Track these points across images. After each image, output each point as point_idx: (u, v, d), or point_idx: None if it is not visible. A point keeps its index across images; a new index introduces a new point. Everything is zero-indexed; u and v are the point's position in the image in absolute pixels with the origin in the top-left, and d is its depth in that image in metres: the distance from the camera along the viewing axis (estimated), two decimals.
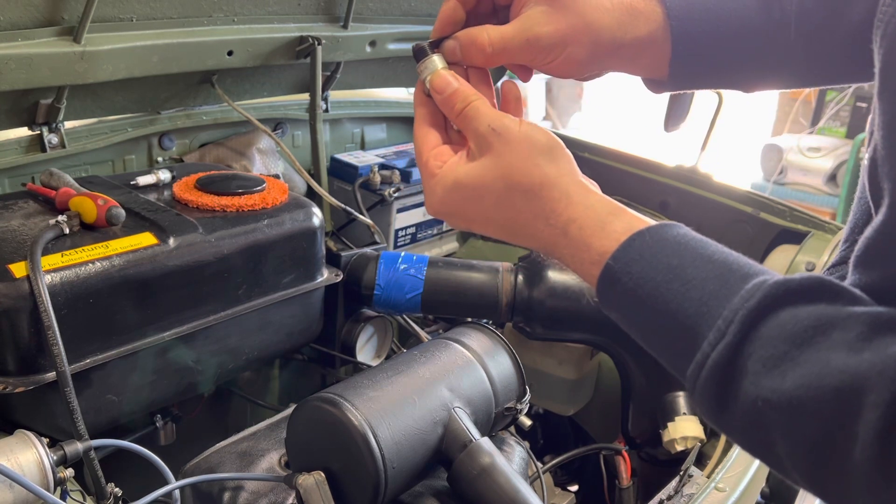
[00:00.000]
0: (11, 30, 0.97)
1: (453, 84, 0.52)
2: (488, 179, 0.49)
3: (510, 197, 0.48)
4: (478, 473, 0.79)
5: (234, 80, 1.34)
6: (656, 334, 0.45)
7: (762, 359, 0.38)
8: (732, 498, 0.86)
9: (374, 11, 1.40)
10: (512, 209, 0.49)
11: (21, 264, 0.81)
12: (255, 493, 0.81)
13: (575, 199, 0.47)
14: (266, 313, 1.04)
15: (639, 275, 0.44)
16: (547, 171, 0.48)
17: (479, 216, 0.50)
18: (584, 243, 0.46)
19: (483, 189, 0.49)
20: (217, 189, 1.04)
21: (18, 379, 0.81)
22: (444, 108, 0.53)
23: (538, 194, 0.48)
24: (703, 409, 0.42)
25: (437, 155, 0.52)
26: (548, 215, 0.48)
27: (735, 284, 0.40)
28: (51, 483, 0.70)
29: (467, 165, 0.50)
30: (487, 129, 0.50)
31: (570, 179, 0.48)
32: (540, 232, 0.48)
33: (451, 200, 0.51)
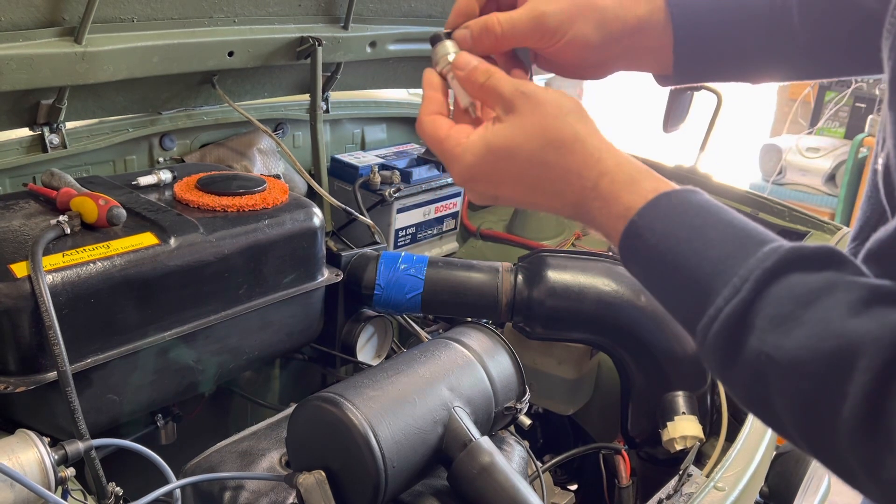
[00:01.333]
0: (12, 30, 0.97)
1: (474, 60, 0.53)
2: (521, 138, 0.50)
3: (543, 153, 0.49)
4: (478, 472, 0.79)
5: (235, 80, 1.34)
6: (672, 289, 0.47)
7: (770, 316, 0.40)
8: (732, 497, 0.86)
9: (375, 12, 1.40)
10: (544, 166, 0.49)
11: (22, 264, 0.81)
12: (255, 493, 0.82)
13: (606, 155, 0.49)
14: (266, 313, 1.04)
15: (662, 232, 0.46)
16: (578, 127, 0.49)
17: (509, 177, 0.51)
18: (614, 197, 0.48)
19: (516, 148, 0.50)
20: (218, 189, 1.04)
21: (20, 378, 0.81)
22: (467, 84, 0.53)
23: (571, 149, 0.49)
24: (711, 361, 0.44)
25: (457, 131, 0.53)
26: (580, 169, 0.49)
27: (752, 247, 0.43)
28: (52, 482, 0.71)
29: (497, 127, 0.51)
30: (515, 91, 0.50)
31: (599, 137, 0.50)
32: (571, 187, 0.49)
33: (482, 165, 0.51)
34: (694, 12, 0.55)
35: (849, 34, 0.55)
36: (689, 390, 1.12)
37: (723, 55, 0.57)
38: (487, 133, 0.51)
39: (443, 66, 0.56)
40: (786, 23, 0.56)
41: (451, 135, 0.53)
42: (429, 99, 0.55)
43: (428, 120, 0.54)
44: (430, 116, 0.54)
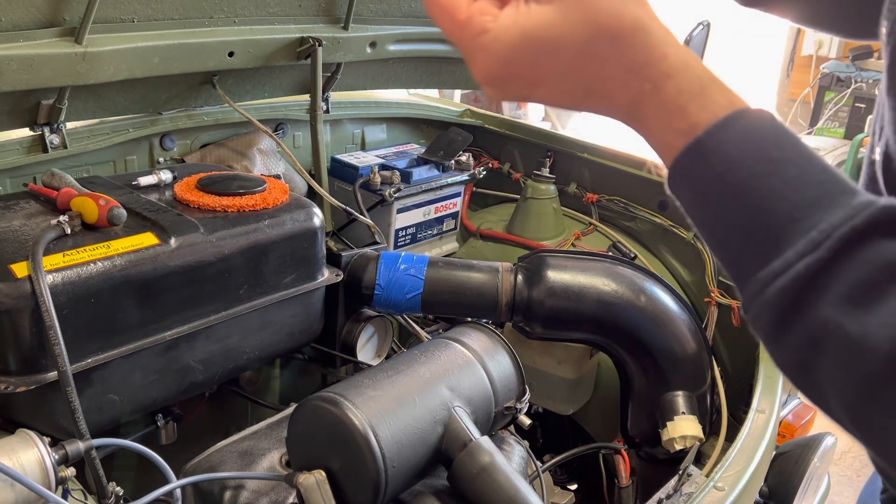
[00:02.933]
0: (13, 30, 0.97)
1: None
2: (569, 25, 0.40)
3: (596, 45, 0.40)
4: (478, 472, 0.79)
5: (235, 80, 1.34)
6: (731, 228, 0.40)
7: (850, 283, 0.35)
8: (731, 497, 0.86)
9: (375, 13, 1.40)
10: (597, 60, 0.40)
11: (23, 264, 0.81)
12: (255, 492, 0.82)
13: (672, 51, 0.40)
14: (267, 313, 1.04)
15: (732, 159, 0.39)
16: (639, 13, 0.40)
17: (552, 74, 0.41)
18: (679, 107, 0.40)
19: (562, 38, 0.40)
20: (218, 189, 1.05)
21: (20, 378, 0.81)
22: None
23: (630, 40, 0.40)
24: (762, 318, 0.39)
25: (480, 10, 0.41)
26: (641, 66, 0.40)
27: (838, 197, 0.37)
28: (52, 482, 0.71)
29: (537, 10, 0.40)
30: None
31: (663, 28, 0.41)
32: (627, 87, 0.40)
33: (516, 58, 0.41)
34: None
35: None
36: (688, 390, 1.12)
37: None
38: (522, 15, 0.40)
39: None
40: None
41: (474, 16, 0.41)
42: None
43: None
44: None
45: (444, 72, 1.66)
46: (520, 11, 0.41)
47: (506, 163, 1.75)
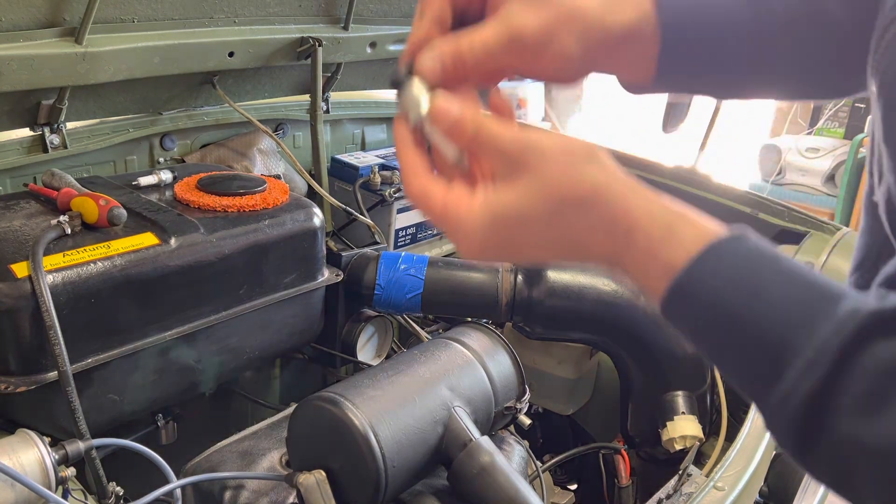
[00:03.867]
0: (13, 31, 0.97)
1: (456, 106, 0.44)
2: (532, 201, 0.43)
3: (561, 214, 0.43)
4: (478, 472, 0.79)
5: (235, 80, 1.34)
6: (732, 358, 0.41)
7: (857, 395, 0.35)
8: (731, 497, 0.86)
9: (375, 13, 1.40)
10: (566, 227, 0.43)
11: (23, 264, 0.81)
12: (255, 492, 0.82)
13: (633, 204, 0.42)
14: (267, 313, 1.04)
15: (714, 292, 0.40)
16: (597, 177, 0.43)
17: (528, 244, 0.44)
18: (652, 254, 0.42)
19: (529, 213, 0.43)
20: (218, 189, 1.05)
21: (20, 378, 0.81)
22: (452, 136, 0.45)
23: (593, 204, 0.42)
24: (786, 443, 0.39)
25: (454, 200, 0.45)
26: (607, 225, 0.42)
27: (825, 308, 0.37)
28: (52, 482, 0.71)
29: (502, 194, 0.43)
30: (515, 146, 0.43)
31: (622, 183, 0.43)
32: (600, 245, 0.43)
33: (494, 238, 0.44)
34: (683, 20, 0.50)
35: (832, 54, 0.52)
36: (688, 390, 1.12)
37: (708, 64, 0.52)
38: (491, 200, 0.43)
39: (416, 117, 0.46)
40: (770, 38, 0.51)
41: (449, 207, 0.45)
42: (407, 163, 0.46)
43: (415, 191, 0.46)
44: (416, 186, 0.46)
45: None
46: (488, 196, 0.44)
47: None
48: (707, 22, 0.51)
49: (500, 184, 0.44)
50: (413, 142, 0.47)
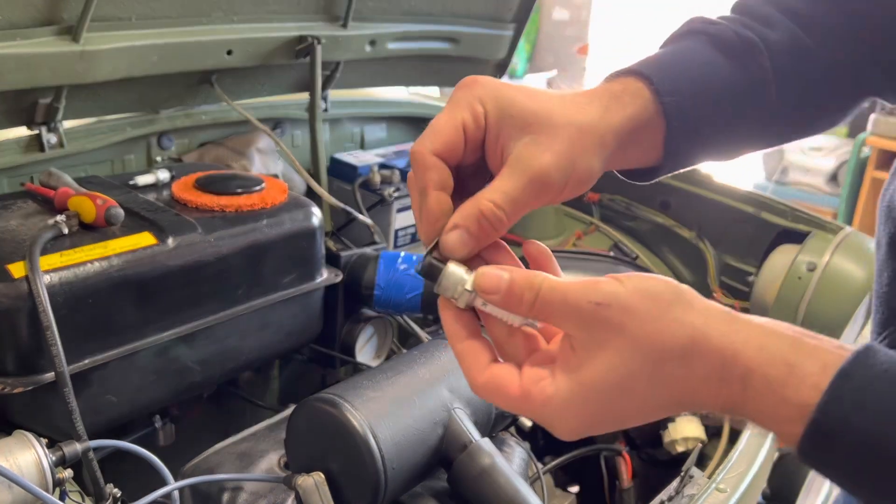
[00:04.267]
0: (10, 29, 0.96)
1: (504, 275, 0.40)
2: (628, 366, 0.38)
3: (664, 372, 0.38)
4: (478, 474, 0.79)
5: (234, 79, 1.33)
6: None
7: None
8: (734, 499, 0.85)
9: (374, 10, 1.39)
10: (672, 384, 0.38)
11: (20, 264, 0.80)
12: (254, 494, 0.81)
13: (740, 342, 0.37)
14: (265, 313, 1.04)
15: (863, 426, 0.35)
16: (691, 320, 0.38)
17: (633, 411, 0.39)
18: (775, 396, 0.36)
19: (628, 379, 0.38)
20: (216, 189, 1.04)
21: (17, 379, 0.81)
22: (510, 306, 0.41)
23: (696, 353, 0.37)
24: None
25: (534, 384, 0.40)
26: (718, 373, 0.37)
27: None
28: (49, 484, 0.70)
29: (590, 366, 0.38)
30: (591, 305, 0.38)
31: (720, 319, 0.38)
32: (714, 396, 0.38)
33: (594, 413, 0.39)
34: (682, 100, 0.47)
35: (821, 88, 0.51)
36: None
37: (709, 139, 0.50)
38: (581, 377, 0.38)
39: (464, 299, 0.42)
40: (765, 92, 0.50)
41: (532, 393, 0.40)
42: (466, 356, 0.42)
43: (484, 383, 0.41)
44: (484, 378, 0.41)
45: (444, 70, 1.65)
46: (575, 371, 0.39)
47: None
48: (703, 91, 0.48)
49: (584, 353, 0.39)
50: (466, 330, 0.43)
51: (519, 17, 1.60)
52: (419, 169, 0.43)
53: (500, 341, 0.43)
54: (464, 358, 0.42)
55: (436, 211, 0.43)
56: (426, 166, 0.43)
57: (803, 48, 0.51)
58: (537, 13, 5.10)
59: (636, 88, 0.46)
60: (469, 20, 1.54)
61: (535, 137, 0.42)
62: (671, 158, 0.49)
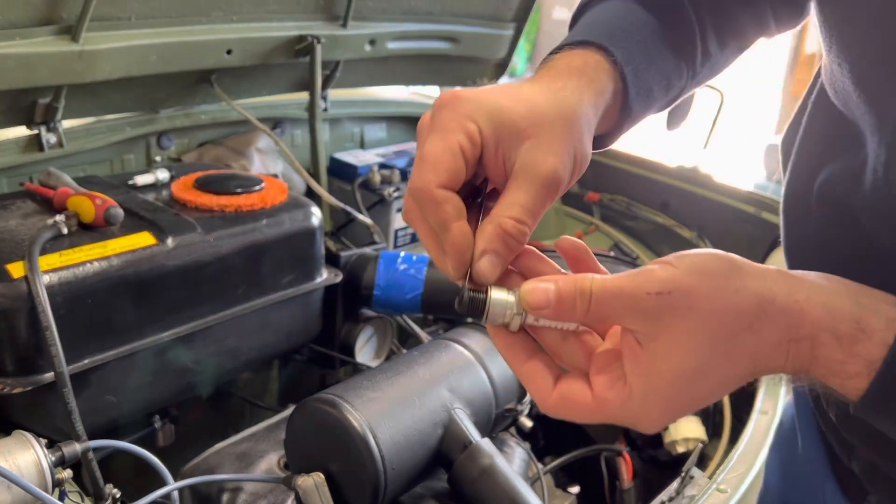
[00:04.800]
0: (10, 29, 0.96)
1: (550, 286, 0.39)
2: (704, 347, 0.37)
3: (738, 344, 0.37)
4: (478, 475, 0.78)
5: (233, 79, 1.33)
6: None
7: None
8: (734, 499, 0.85)
9: (374, 10, 1.39)
10: (747, 354, 0.38)
11: (19, 264, 0.80)
12: (253, 495, 0.81)
13: (804, 300, 0.37)
14: (265, 314, 1.04)
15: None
16: (753, 287, 0.37)
17: (712, 389, 0.39)
18: (845, 353, 0.37)
19: (705, 361, 0.37)
20: (216, 189, 1.04)
21: (17, 379, 0.81)
22: (563, 316, 0.39)
23: (765, 318, 0.37)
24: None
25: (606, 385, 0.39)
26: (790, 333, 0.37)
27: None
28: (49, 484, 0.70)
29: (664, 356, 0.37)
30: (651, 297, 0.37)
31: (778, 282, 0.38)
32: (787, 355, 0.38)
33: (674, 402, 0.38)
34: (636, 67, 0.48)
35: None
36: None
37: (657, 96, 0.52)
38: (656, 368, 0.37)
39: (516, 323, 0.41)
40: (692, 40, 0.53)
41: (606, 398, 0.39)
42: (531, 378, 0.41)
43: (555, 403, 0.40)
44: (553, 398, 0.40)
45: (444, 69, 1.65)
46: (646, 360, 0.38)
47: None
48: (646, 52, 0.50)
49: (653, 345, 0.38)
50: (524, 352, 0.41)
51: (519, 17, 1.60)
52: (430, 206, 0.41)
53: (556, 349, 0.42)
54: (529, 382, 0.41)
55: (462, 243, 0.41)
56: (437, 202, 0.41)
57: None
58: (537, 12, 5.10)
59: (596, 61, 0.47)
60: (469, 20, 1.54)
61: (534, 142, 0.42)
62: (627, 122, 0.50)
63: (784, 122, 2.34)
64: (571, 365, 0.41)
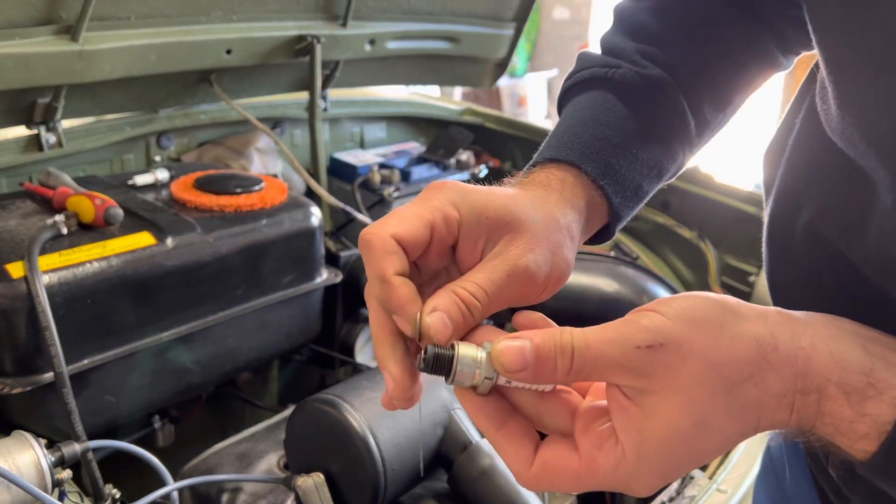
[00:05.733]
0: (9, 28, 0.96)
1: (527, 344, 0.35)
2: (701, 402, 0.34)
3: (739, 397, 0.34)
4: (478, 475, 0.78)
5: (233, 78, 1.33)
6: None
7: None
8: (734, 499, 0.85)
9: (374, 10, 1.39)
10: (749, 407, 0.34)
11: (18, 264, 0.80)
12: (253, 495, 0.81)
13: (809, 349, 0.34)
14: (265, 314, 1.03)
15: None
16: (751, 332, 0.34)
17: (713, 447, 0.35)
18: (854, 411, 0.34)
19: (703, 416, 0.34)
20: (215, 188, 1.04)
21: (16, 380, 0.81)
22: (544, 379, 0.35)
23: (768, 367, 0.34)
24: None
25: (594, 445, 0.35)
26: (796, 384, 0.34)
27: None
28: (48, 484, 0.70)
29: (658, 411, 0.34)
30: (640, 351, 0.34)
31: (780, 326, 0.35)
32: (793, 410, 0.35)
33: (670, 461, 0.35)
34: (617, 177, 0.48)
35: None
36: None
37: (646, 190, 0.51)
38: (644, 426, 0.34)
39: (486, 387, 0.36)
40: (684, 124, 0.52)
41: (595, 460, 0.35)
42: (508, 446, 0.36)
43: (537, 474, 0.36)
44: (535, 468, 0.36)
45: (444, 69, 1.65)
46: (638, 418, 0.34)
47: (507, 161, 1.74)
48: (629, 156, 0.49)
49: (645, 400, 0.34)
50: (498, 414, 0.37)
51: (519, 16, 1.60)
52: (375, 253, 0.38)
53: (533, 411, 0.38)
54: (504, 450, 0.37)
55: (409, 294, 0.38)
56: (385, 250, 0.38)
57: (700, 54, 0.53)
58: (537, 12, 5.10)
59: (573, 178, 0.46)
60: (469, 19, 1.54)
61: (514, 236, 0.40)
62: (616, 224, 0.50)
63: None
64: (553, 427, 0.38)
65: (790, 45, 0.56)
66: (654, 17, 0.53)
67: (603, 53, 0.54)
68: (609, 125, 0.49)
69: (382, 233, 0.38)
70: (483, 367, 0.36)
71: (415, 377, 0.39)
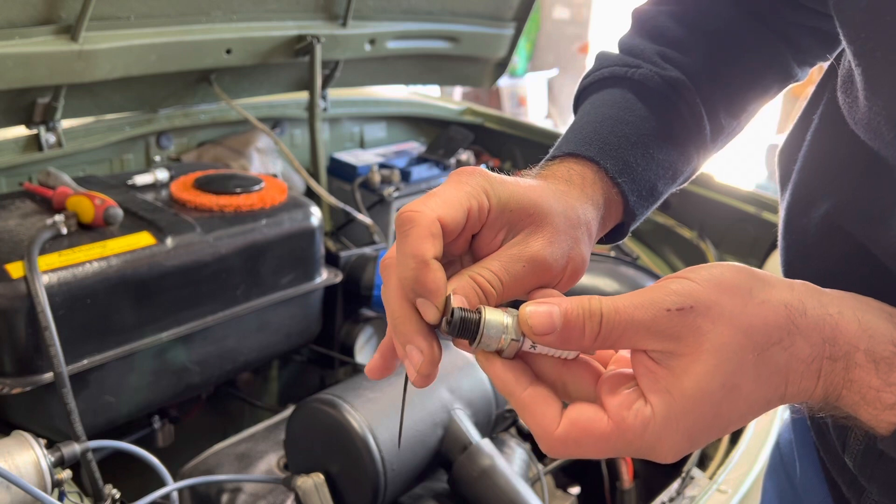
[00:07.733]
0: (9, 28, 0.96)
1: (555, 309, 0.35)
2: (732, 362, 0.34)
3: (767, 361, 0.34)
4: (478, 475, 0.78)
5: (233, 78, 1.33)
6: None
7: None
8: (735, 500, 0.85)
9: (374, 9, 1.39)
10: (778, 372, 0.34)
11: (18, 264, 0.80)
12: (253, 495, 0.81)
13: (837, 315, 0.35)
14: (264, 314, 1.03)
15: None
16: (780, 298, 0.35)
17: (739, 411, 0.35)
18: (881, 380, 0.34)
19: (733, 377, 0.34)
20: (215, 188, 1.04)
21: (16, 380, 0.81)
22: (570, 343, 0.35)
23: (797, 332, 0.34)
24: None
25: (624, 405, 0.35)
26: (824, 349, 0.34)
27: None
28: (48, 484, 0.70)
29: (688, 373, 0.34)
30: (670, 314, 0.34)
31: (808, 294, 0.35)
32: (821, 377, 0.35)
33: (698, 425, 0.34)
34: (633, 175, 0.47)
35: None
36: None
37: (661, 191, 0.51)
38: (674, 388, 0.34)
39: (512, 349, 0.36)
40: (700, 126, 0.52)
41: (625, 420, 0.34)
42: (536, 406, 0.36)
43: (565, 433, 0.35)
44: (563, 426, 0.35)
45: (444, 69, 1.65)
46: (667, 380, 0.34)
47: (507, 161, 1.74)
48: (645, 154, 0.49)
49: (674, 362, 0.34)
50: (525, 376, 0.36)
51: (519, 16, 1.60)
52: (418, 232, 0.37)
53: (557, 378, 0.37)
54: (530, 410, 0.36)
55: (443, 280, 0.37)
56: (430, 231, 0.37)
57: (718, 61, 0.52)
58: (538, 12, 5.10)
59: (592, 174, 0.46)
60: (469, 19, 1.54)
61: (534, 228, 0.40)
62: (630, 223, 0.50)
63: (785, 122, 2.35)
64: (577, 394, 0.37)
65: (806, 57, 0.56)
66: (674, 21, 0.53)
67: (622, 54, 0.54)
68: (628, 124, 0.49)
69: (429, 213, 0.37)
70: (510, 331, 0.36)
71: (440, 350, 0.38)
